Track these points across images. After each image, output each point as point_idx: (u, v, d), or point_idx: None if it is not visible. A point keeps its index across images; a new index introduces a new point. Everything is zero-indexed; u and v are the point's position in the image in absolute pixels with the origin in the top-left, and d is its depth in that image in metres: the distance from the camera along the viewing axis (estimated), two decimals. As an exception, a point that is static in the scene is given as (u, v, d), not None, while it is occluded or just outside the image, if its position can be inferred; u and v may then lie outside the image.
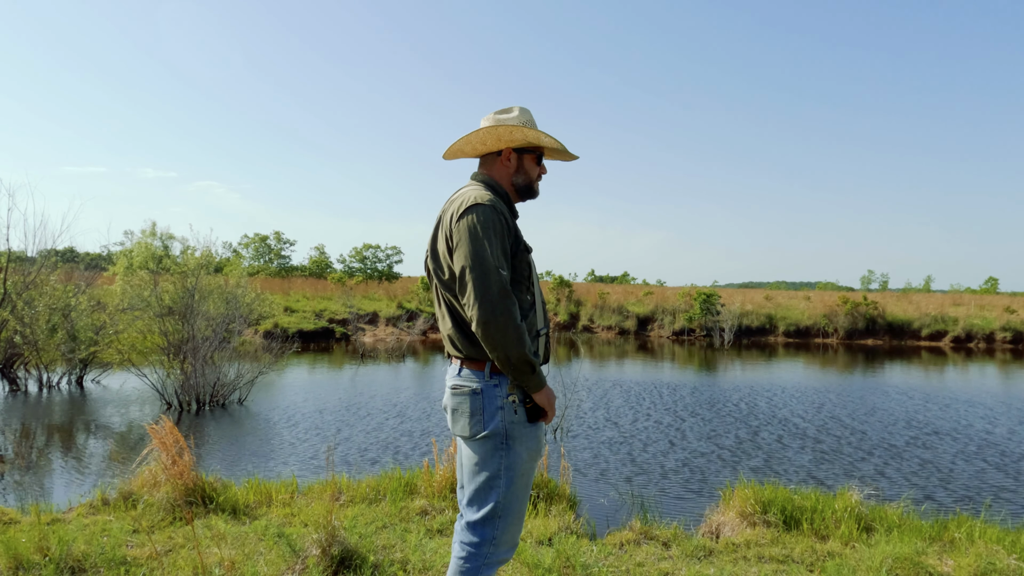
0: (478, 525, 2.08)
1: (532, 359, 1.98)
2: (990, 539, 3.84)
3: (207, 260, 11.54)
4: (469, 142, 2.20)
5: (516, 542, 2.14)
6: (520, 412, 2.06)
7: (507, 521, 2.08)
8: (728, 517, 4.31)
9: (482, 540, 2.07)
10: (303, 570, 3.25)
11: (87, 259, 25.05)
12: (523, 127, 2.17)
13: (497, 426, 2.04)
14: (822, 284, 54.86)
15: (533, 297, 2.15)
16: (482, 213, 1.99)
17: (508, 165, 2.22)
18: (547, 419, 2.12)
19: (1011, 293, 41.43)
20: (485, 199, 2.03)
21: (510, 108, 2.24)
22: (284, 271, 44.52)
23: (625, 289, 34.60)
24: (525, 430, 2.08)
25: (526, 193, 2.26)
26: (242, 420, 9.30)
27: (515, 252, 2.08)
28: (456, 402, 2.11)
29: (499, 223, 2.02)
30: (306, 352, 18.57)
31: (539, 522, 4.08)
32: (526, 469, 2.09)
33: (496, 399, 2.05)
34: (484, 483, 2.07)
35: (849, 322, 24.43)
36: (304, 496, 4.79)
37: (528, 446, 2.09)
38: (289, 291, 28.09)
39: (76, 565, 3.31)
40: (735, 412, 10.22)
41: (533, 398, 2.06)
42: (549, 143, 2.23)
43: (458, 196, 2.13)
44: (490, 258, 1.95)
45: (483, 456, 2.07)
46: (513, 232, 2.10)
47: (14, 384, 11.59)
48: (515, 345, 1.94)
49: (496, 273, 1.94)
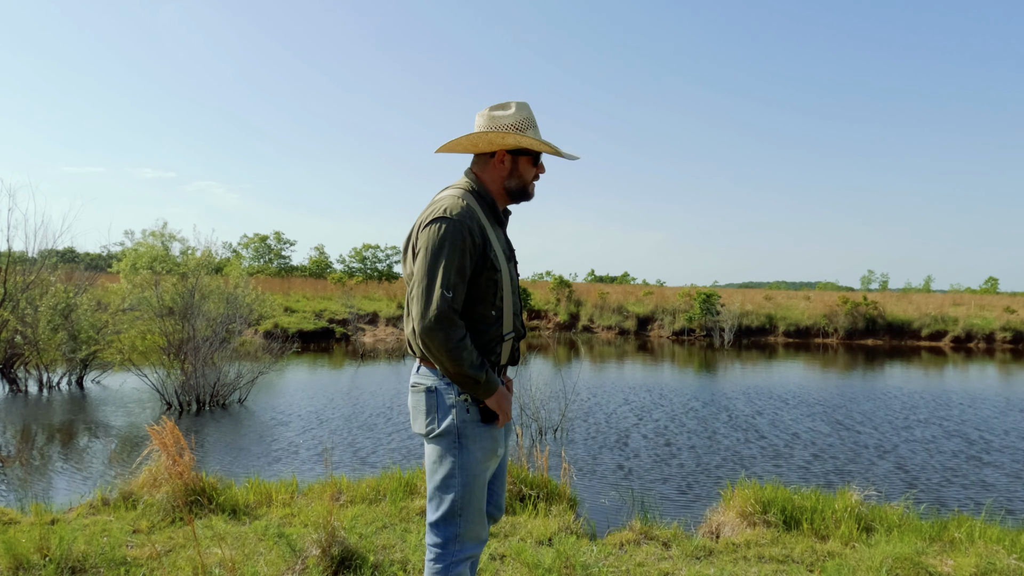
0: (440, 524, 2.09)
1: (472, 373, 1.97)
2: (990, 539, 3.84)
3: (207, 260, 11.54)
4: (461, 143, 2.15)
5: (482, 537, 2.15)
6: (473, 411, 2.07)
7: (467, 519, 2.09)
8: (728, 517, 4.31)
9: (446, 539, 2.09)
10: (303, 570, 3.25)
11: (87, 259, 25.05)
12: (515, 130, 2.10)
13: (450, 424, 2.05)
14: (822, 284, 54.84)
15: (500, 309, 2.11)
16: (445, 229, 1.95)
17: (501, 168, 2.16)
18: (500, 422, 2.11)
19: (1011, 293, 41.42)
20: (455, 211, 1.98)
21: (507, 104, 2.14)
22: (284, 271, 44.52)
23: (625, 289, 34.60)
24: (479, 429, 2.08)
25: (519, 196, 2.21)
26: (242, 420, 9.30)
27: (480, 271, 2.03)
28: (414, 400, 2.14)
29: (462, 240, 1.96)
30: (306, 352, 18.57)
31: (539, 522, 4.08)
32: (481, 469, 2.09)
33: (449, 397, 2.06)
34: (441, 482, 2.09)
35: (849, 322, 24.43)
36: (304, 496, 4.79)
37: (483, 445, 2.08)
38: (289, 291, 28.09)
39: (76, 565, 3.32)
40: (735, 412, 10.22)
41: (485, 402, 2.07)
42: (542, 148, 2.15)
43: (436, 199, 2.11)
44: (440, 277, 1.93)
45: (439, 455, 2.09)
46: (480, 249, 2.02)
47: (14, 384, 11.59)
48: (451, 363, 1.95)
49: (440, 297, 1.92)
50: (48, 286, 11.75)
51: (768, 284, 59.45)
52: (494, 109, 2.15)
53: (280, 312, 22.58)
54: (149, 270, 11.61)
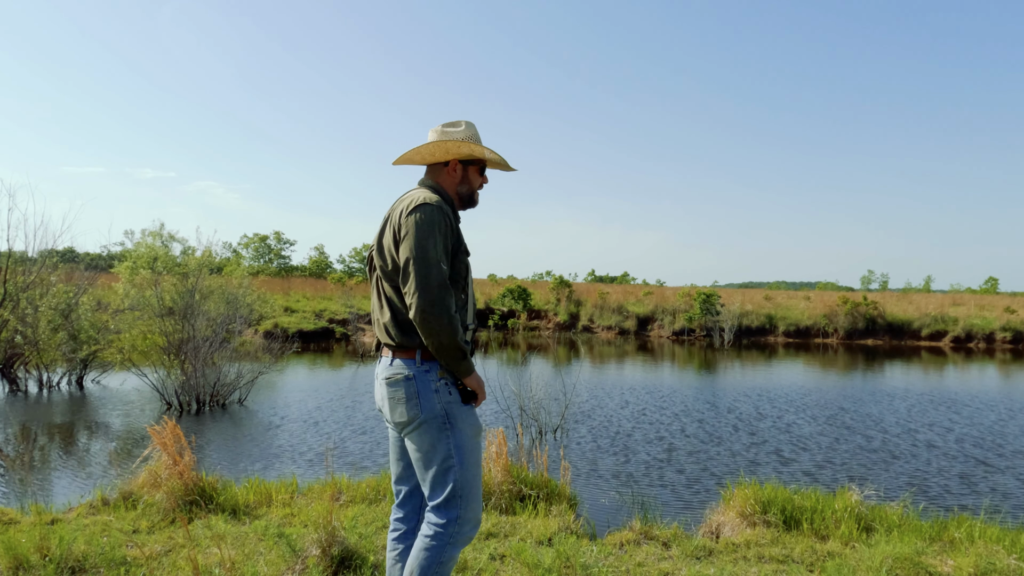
0: (442, 507, 2.20)
1: (464, 346, 2.16)
2: (990, 539, 3.84)
3: (208, 260, 11.54)
4: (419, 153, 2.37)
5: (479, 519, 2.27)
6: (454, 393, 2.23)
7: (468, 499, 2.21)
8: (728, 517, 4.32)
9: (448, 520, 2.19)
10: (303, 570, 3.25)
11: (87, 259, 25.04)
12: (469, 142, 2.37)
13: (435, 408, 2.19)
14: (822, 284, 54.83)
15: (466, 296, 2.34)
16: (430, 211, 2.18)
17: (454, 175, 2.41)
18: (477, 401, 2.28)
19: (1011, 293, 41.42)
20: (433, 200, 2.22)
21: (458, 122, 2.43)
22: (284, 271, 44.52)
23: (625, 289, 34.58)
24: (463, 409, 2.24)
25: (468, 202, 2.45)
26: (242, 420, 9.30)
27: (456, 252, 2.26)
28: (391, 391, 2.23)
29: (444, 223, 2.20)
30: (306, 352, 18.57)
31: (539, 522, 4.08)
32: (473, 446, 2.25)
33: (430, 382, 2.20)
34: (440, 467, 2.20)
35: (849, 322, 24.43)
36: (304, 496, 4.79)
37: (470, 423, 2.25)
38: (289, 291, 28.09)
39: (76, 565, 3.32)
40: (735, 412, 10.22)
41: (464, 382, 2.23)
42: (492, 157, 2.44)
43: (408, 196, 2.32)
44: (433, 252, 2.13)
45: (431, 442, 2.20)
46: (456, 233, 2.28)
47: (14, 384, 11.59)
48: (449, 333, 2.11)
49: (437, 266, 2.12)
50: (48, 286, 11.75)
51: (768, 284, 59.47)
52: (446, 126, 2.42)
53: (280, 312, 22.58)
54: (149, 270, 11.61)
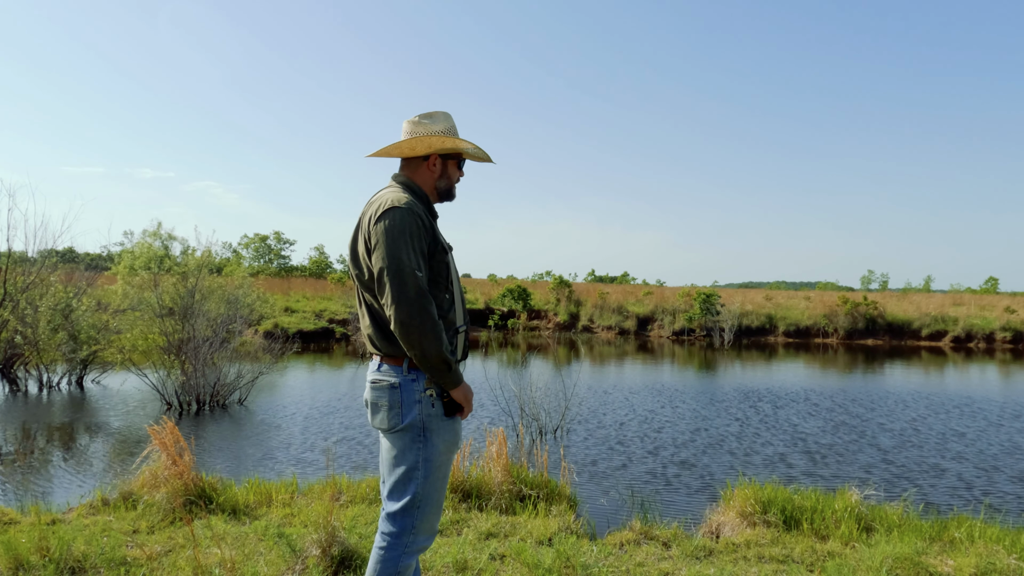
0: (397, 515, 2.16)
1: (448, 357, 2.07)
2: (990, 539, 3.84)
3: (207, 260, 11.53)
4: (399, 147, 2.29)
5: (435, 530, 2.24)
6: (438, 406, 2.17)
7: (425, 511, 2.17)
8: (728, 517, 4.31)
9: (401, 530, 2.16)
10: (303, 570, 3.25)
11: (87, 259, 25.04)
12: (449, 134, 2.31)
13: (415, 419, 2.14)
14: (822, 284, 54.82)
15: (452, 295, 2.25)
16: (399, 216, 2.08)
17: (433, 170, 2.33)
18: (463, 414, 2.22)
19: (1011, 293, 41.39)
20: (402, 202, 2.12)
21: (434, 113, 2.34)
22: (284, 271, 44.50)
23: (625, 289, 34.57)
24: (442, 423, 2.18)
25: (446, 196, 2.38)
26: (242, 420, 9.30)
27: (432, 253, 2.17)
28: (376, 396, 2.21)
29: (415, 225, 2.10)
30: (306, 352, 18.57)
31: (539, 522, 4.08)
32: (443, 461, 2.19)
33: (414, 393, 2.15)
34: (403, 475, 2.16)
35: (849, 322, 24.43)
36: (304, 496, 4.79)
37: (445, 439, 2.19)
38: (289, 291, 28.09)
39: (76, 565, 3.32)
40: (735, 412, 10.21)
41: (450, 394, 2.16)
42: (472, 150, 2.38)
43: (376, 199, 2.21)
44: (406, 260, 2.04)
45: (402, 448, 2.17)
46: (431, 233, 2.18)
47: (14, 384, 11.59)
48: (431, 344, 2.03)
49: (412, 275, 2.03)
50: (48, 286, 11.74)
51: (768, 284, 59.45)
52: (423, 117, 2.33)
53: (280, 312, 22.57)
54: (147, 270, 11.60)
